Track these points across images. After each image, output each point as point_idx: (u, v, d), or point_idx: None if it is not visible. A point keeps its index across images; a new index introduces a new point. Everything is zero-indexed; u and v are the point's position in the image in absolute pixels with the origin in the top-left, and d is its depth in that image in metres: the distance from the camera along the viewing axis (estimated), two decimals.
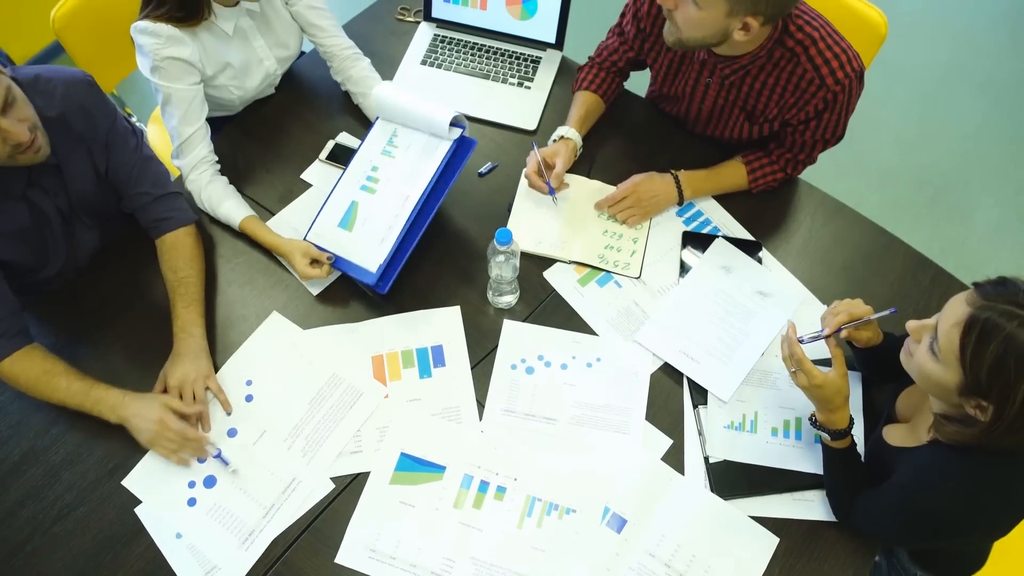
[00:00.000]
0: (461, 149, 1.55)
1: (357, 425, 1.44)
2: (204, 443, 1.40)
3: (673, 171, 1.67)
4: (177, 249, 1.55)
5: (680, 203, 1.68)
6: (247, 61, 1.71)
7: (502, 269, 1.47)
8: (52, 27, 1.82)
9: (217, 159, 1.66)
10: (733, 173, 1.69)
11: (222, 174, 1.67)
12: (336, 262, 1.57)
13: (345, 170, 1.64)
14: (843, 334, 1.30)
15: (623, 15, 1.72)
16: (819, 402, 1.29)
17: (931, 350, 1.11)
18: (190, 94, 1.58)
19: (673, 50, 1.62)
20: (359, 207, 1.60)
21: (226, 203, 1.62)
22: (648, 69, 1.76)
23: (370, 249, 1.55)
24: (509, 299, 1.57)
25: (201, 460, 1.41)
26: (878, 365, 1.43)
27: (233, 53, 1.68)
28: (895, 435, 1.32)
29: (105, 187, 1.52)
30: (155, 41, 1.51)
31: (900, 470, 1.24)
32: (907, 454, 1.25)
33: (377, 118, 1.64)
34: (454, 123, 1.53)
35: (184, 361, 1.44)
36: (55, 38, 1.85)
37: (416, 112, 1.56)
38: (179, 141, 1.60)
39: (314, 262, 1.55)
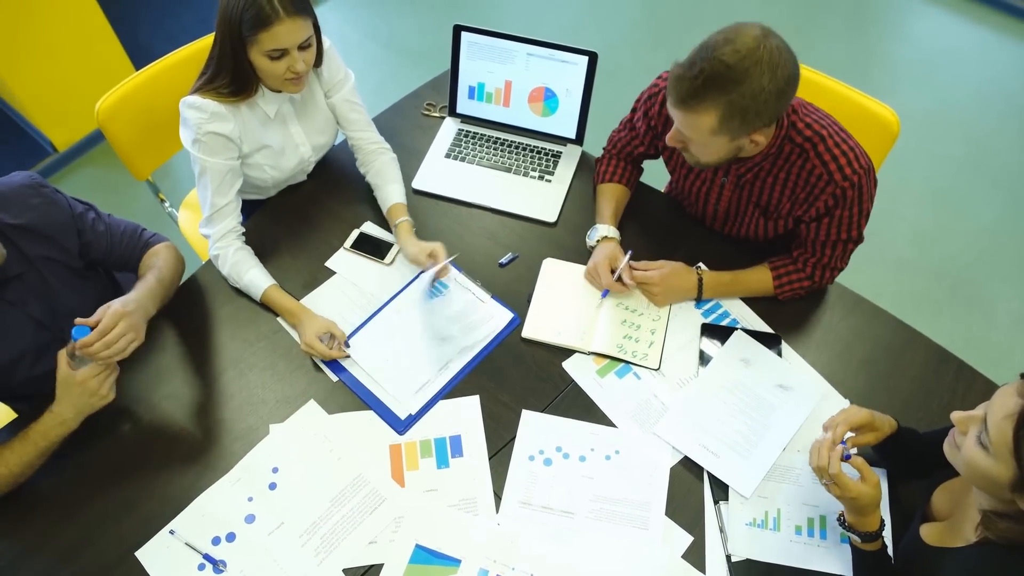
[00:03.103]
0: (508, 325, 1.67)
1: (375, 533, 1.40)
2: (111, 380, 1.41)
3: (700, 271, 1.68)
4: (154, 253, 1.63)
5: (697, 300, 1.70)
6: (283, 144, 1.78)
7: None
8: (96, 118, 1.92)
9: (244, 231, 1.72)
10: (759, 279, 1.68)
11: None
12: (362, 393, 1.58)
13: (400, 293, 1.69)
14: (852, 451, 1.27)
15: (634, 110, 1.77)
16: (851, 510, 1.26)
17: (980, 443, 1.07)
18: (225, 168, 1.65)
19: None
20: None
21: (252, 271, 1.67)
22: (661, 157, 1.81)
23: (404, 394, 1.58)
24: None
25: (215, 542, 1.38)
26: (903, 459, 1.40)
27: (271, 136, 1.75)
28: (933, 534, 1.26)
29: (84, 277, 1.57)
30: (200, 116, 1.60)
31: (946, 572, 1.17)
32: (952, 555, 1.18)
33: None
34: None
35: None
36: (97, 127, 1.94)
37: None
38: (210, 211, 1.67)
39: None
